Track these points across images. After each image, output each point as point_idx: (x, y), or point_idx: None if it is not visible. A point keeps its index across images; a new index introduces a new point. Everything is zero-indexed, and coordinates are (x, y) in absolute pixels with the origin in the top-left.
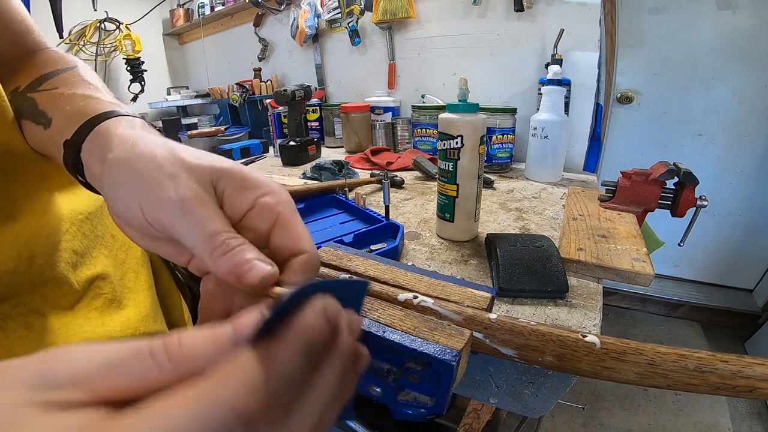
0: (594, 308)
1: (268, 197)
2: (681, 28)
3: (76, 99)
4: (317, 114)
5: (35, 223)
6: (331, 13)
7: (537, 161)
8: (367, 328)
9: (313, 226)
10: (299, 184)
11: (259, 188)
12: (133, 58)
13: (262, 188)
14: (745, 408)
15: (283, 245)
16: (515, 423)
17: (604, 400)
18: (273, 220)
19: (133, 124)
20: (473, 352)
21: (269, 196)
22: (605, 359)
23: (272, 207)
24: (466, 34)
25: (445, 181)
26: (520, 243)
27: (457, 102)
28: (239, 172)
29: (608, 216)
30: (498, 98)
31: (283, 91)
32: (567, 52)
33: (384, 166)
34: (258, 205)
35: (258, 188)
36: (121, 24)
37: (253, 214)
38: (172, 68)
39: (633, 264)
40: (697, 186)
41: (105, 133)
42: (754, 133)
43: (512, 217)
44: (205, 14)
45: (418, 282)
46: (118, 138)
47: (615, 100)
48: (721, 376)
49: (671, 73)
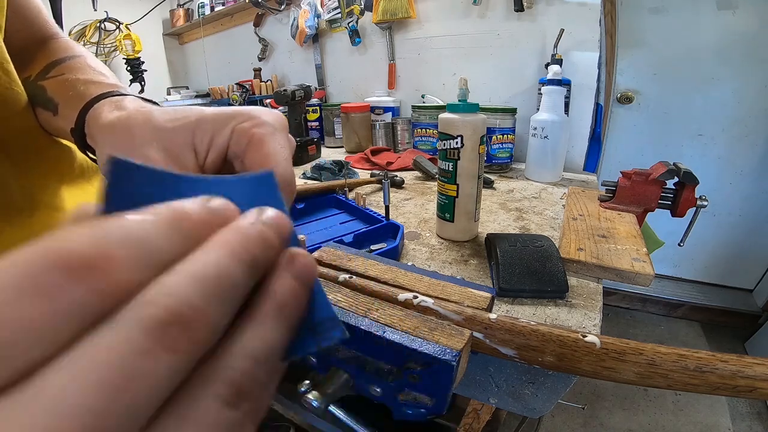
0: (594, 308)
1: (245, 123)
2: (681, 28)
3: (78, 84)
4: (317, 114)
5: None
6: (331, 13)
7: (537, 161)
8: (367, 328)
9: (313, 226)
10: (299, 184)
11: (235, 118)
12: (133, 58)
13: (238, 117)
14: (745, 408)
15: (252, 165)
16: (515, 423)
17: (604, 400)
18: (246, 143)
19: (121, 103)
20: (473, 352)
21: (246, 122)
22: (605, 359)
23: (246, 130)
24: (466, 34)
25: (445, 181)
26: (520, 243)
27: (457, 102)
28: (212, 115)
29: (608, 216)
30: (498, 98)
31: (283, 91)
32: (567, 52)
33: (384, 166)
34: (234, 133)
35: (234, 119)
36: (121, 24)
37: (231, 144)
38: (172, 68)
39: (633, 264)
40: (697, 186)
41: (95, 117)
42: (754, 133)
43: (512, 217)
44: (205, 14)
45: (418, 282)
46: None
47: (615, 100)
48: (721, 376)
49: (671, 73)
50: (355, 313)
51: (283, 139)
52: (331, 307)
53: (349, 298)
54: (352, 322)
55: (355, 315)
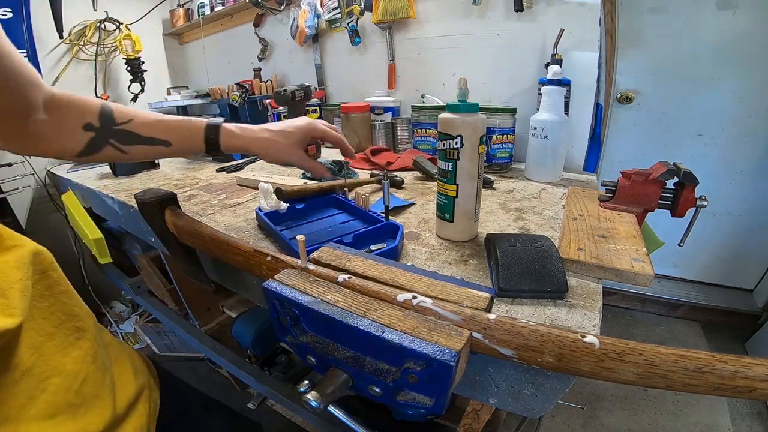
0: (594, 308)
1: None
2: (681, 28)
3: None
4: (317, 114)
5: None
6: (331, 13)
7: (537, 161)
8: (367, 328)
9: (313, 226)
10: (299, 184)
11: (318, 127)
12: (133, 58)
13: (318, 127)
14: (745, 408)
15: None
16: (515, 423)
17: (604, 400)
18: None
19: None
20: (472, 353)
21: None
22: (604, 360)
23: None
24: (466, 34)
25: (445, 181)
26: (519, 243)
27: (456, 102)
28: (311, 126)
29: (608, 216)
30: (498, 98)
31: (283, 91)
32: (567, 52)
33: (384, 166)
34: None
35: (314, 126)
36: (121, 24)
37: (316, 136)
38: (172, 68)
39: (633, 264)
40: (697, 186)
41: (229, 134)
42: (754, 133)
43: (512, 217)
44: (205, 14)
45: (418, 282)
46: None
47: (615, 100)
48: (721, 377)
49: (671, 73)
50: (355, 314)
51: (332, 129)
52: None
53: (348, 298)
54: (351, 323)
55: (354, 315)
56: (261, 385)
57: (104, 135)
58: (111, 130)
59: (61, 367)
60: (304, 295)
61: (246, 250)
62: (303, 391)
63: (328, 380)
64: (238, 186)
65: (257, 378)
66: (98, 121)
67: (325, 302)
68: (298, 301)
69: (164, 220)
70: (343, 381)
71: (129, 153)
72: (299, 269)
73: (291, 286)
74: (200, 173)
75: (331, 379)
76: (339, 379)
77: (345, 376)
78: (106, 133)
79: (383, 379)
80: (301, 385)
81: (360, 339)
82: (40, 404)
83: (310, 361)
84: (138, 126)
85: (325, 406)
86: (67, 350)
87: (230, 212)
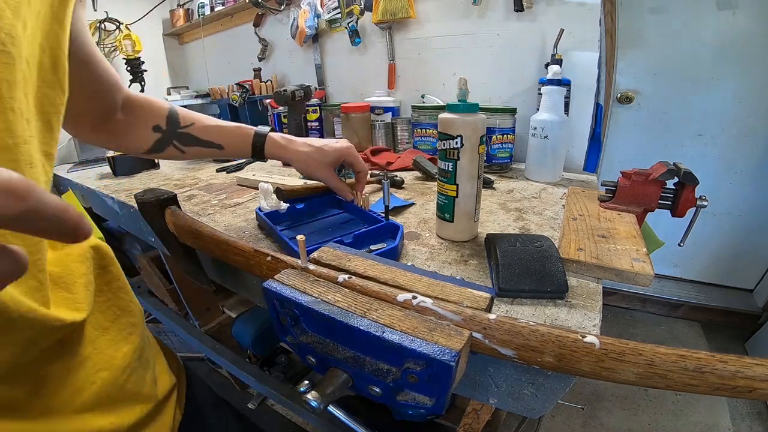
0: (594, 308)
1: (351, 152)
2: (681, 28)
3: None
4: (317, 114)
5: None
6: (331, 13)
7: (537, 161)
8: (367, 328)
9: (313, 226)
10: (299, 184)
11: (353, 153)
12: (133, 58)
13: (353, 153)
14: (745, 408)
15: (356, 167)
16: (515, 423)
17: (604, 400)
18: (352, 161)
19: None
20: (473, 353)
21: (351, 152)
22: (604, 360)
23: (352, 154)
24: (466, 34)
25: (445, 181)
26: (519, 243)
27: (456, 102)
28: (348, 151)
29: (608, 216)
30: (498, 98)
31: (283, 91)
32: (567, 52)
33: (384, 166)
34: (348, 156)
35: (348, 152)
36: (121, 24)
37: (346, 162)
38: (172, 68)
39: (633, 264)
40: (697, 186)
41: (273, 143)
42: (754, 133)
43: (512, 217)
44: (205, 14)
45: (418, 282)
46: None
47: (615, 100)
48: (721, 377)
49: (671, 73)
50: (355, 314)
51: (359, 158)
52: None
53: (348, 298)
54: (351, 323)
55: (354, 315)
56: (261, 385)
57: (169, 136)
58: (175, 132)
59: (111, 362)
60: (304, 295)
61: (246, 250)
62: (303, 391)
63: (328, 380)
64: (238, 186)
65: (257, 378)
66: (165, 123)
67: (325, 302)
68: (298, 301)
69: (164, 220)
70: (343, 381)
71: (187, 153)
72: (299, 269)
73: (291, 286)
74: (200, 173)
75: (331, 379)
76: (339, 379)
77: (345, 376)
78: (171, 135)
79: (383, 379)
80: (301, 385)
81: (360, 339)
82: (86, 396)
83: (310, 361)
84: (198, 130)
85: (325, 406)
86: (119, 345)
87: (230, 212)
